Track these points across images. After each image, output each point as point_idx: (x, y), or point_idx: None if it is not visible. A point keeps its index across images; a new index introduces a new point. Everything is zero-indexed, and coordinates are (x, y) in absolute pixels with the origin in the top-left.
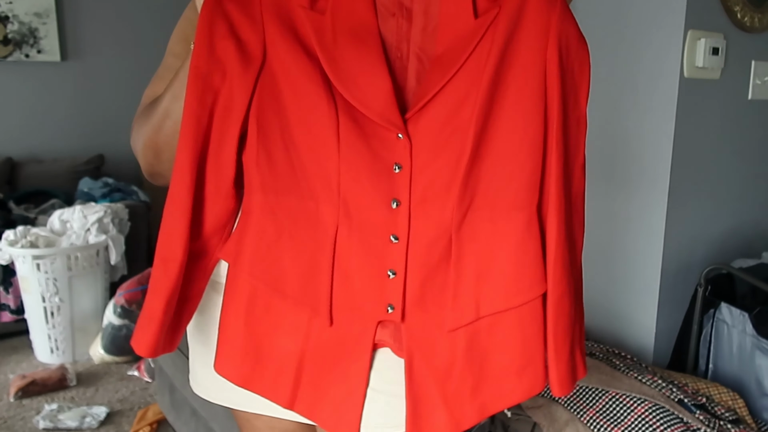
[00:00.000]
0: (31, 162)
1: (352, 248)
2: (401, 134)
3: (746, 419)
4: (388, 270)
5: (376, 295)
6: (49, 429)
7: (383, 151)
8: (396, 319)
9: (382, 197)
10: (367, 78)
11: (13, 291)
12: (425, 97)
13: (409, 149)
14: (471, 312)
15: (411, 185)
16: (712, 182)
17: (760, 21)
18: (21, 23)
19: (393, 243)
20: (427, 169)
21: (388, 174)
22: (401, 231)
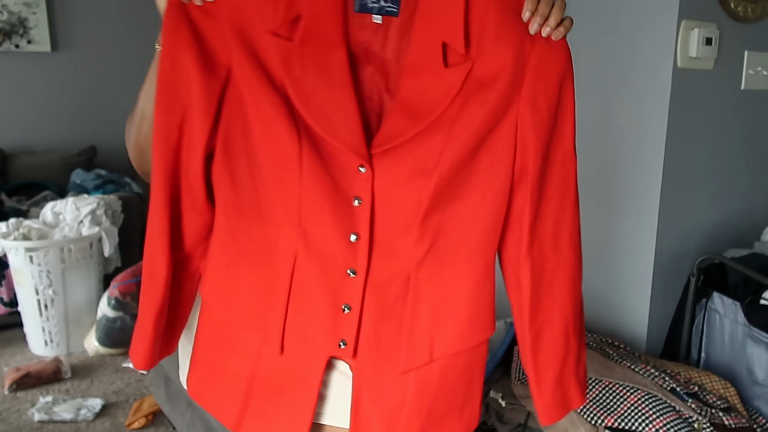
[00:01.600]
0: (22, 154)
1: (309, 279)
2: (364, 166)
3: (737, 407)
4: (343, 304)
5: (330, 330)
6: (44, 421)
7: (344, 182)
8: (347, 356)
9: (341, 230)
10: (335, 108)
11: (7, 283)
12: (393, 141)
13: (370, 182)
14: (425, 354)
15: (372, 219)
16: (705, 172)
17: (754, 11)
18: (10, 13)
19: (350, 277)
20: (387, 205)
21: (348, 207)
22: (359, 266)
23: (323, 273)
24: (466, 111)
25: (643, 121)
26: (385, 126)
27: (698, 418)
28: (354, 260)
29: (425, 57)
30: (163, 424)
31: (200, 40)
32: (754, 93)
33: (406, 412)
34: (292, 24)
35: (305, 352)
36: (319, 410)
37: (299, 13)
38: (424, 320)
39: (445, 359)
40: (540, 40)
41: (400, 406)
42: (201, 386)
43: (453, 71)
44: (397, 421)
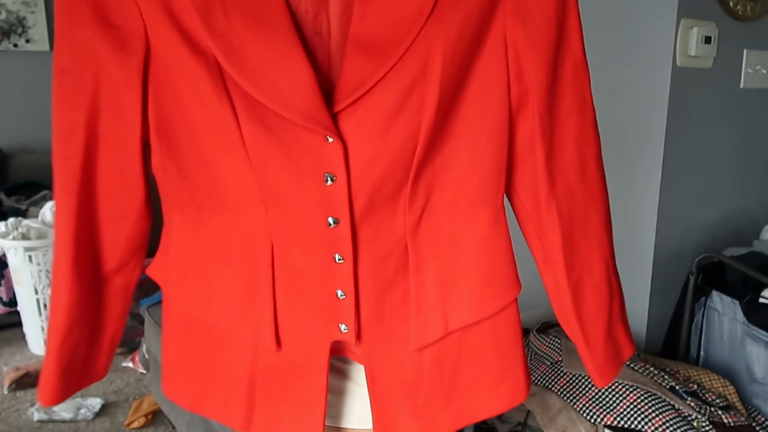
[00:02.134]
0: (21, 153)
1: (292, 266)
2: (330, 136)
3: (737, 405)
4: (337, 290)
5: (326, 316)
6: (43, 421)
7: (308, 159)
8: (351, 339)
9: (315, 216)
10: (278, 67)
11: (6, 283)
12: (359, 90)
13: (342, 155)
14: (438, 328)
15: (351, 198)
16: (704, 171)
17: (753, 9)
18: (9, 12)
19: (338, 263)
20: (369, 174)
21: (319, 187)
22: (345, 251)
23: (306, 260)
24: (441, 33)
25: (642, 119)
26: (345, 73)
27: (697, 416)
28: (337, 246)
29: None
30: (163, 424)
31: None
32: (753, 91)
33: (426, 382)
34: None
35: (305, 342)
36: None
37: None
38: (432, 290)
39: (463, 330)
40: None
41: (419, 378)
42: (198, 397)
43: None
44: (418, 391)
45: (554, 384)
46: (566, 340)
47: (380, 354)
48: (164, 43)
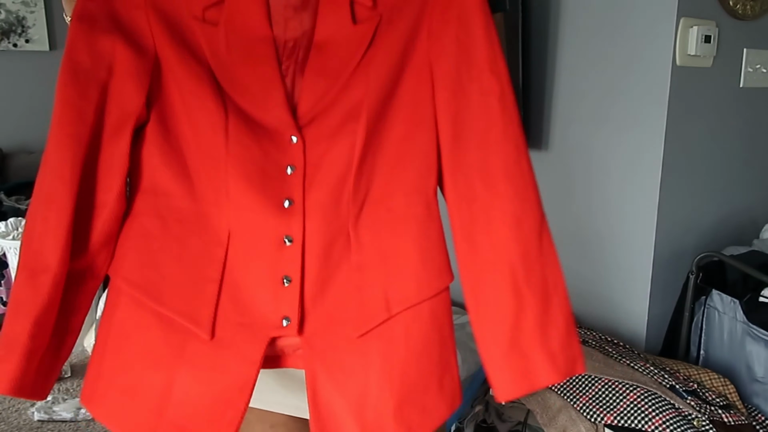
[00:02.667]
0: (21, 153)
1: (244, 255)
2: (295, 137)
3: (737, 404)
4: (283, 276)
5: (270, 307)
6: (44, 421)
7: (276, 153)
8: (292, 333)
9: (274, 198)
10: (260, 87)
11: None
12: (317, 108)
13: (302, 150)
14: (380, 310)
15: (305, 185)
16: (704, 170)
17: (752, 8)
18: (8, 12)
19: (287, 246)
20: (321, 166)
21: (281, 176)
22: (295, 231)
23: (258, 245)
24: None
25: (642, 118)
26: (307, 91)
27: (697, 415)
28: (288, 227)
29: (334, 16)
30: None
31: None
32: (752, 90)
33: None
34: (215, 8)
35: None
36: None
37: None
38: (373, 274)
39: (406, 313)
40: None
41: (366, 381)
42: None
43: (362, 27)
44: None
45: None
46: None
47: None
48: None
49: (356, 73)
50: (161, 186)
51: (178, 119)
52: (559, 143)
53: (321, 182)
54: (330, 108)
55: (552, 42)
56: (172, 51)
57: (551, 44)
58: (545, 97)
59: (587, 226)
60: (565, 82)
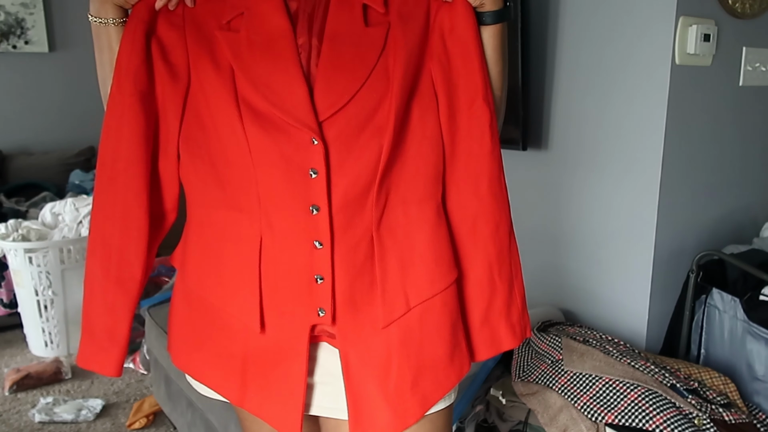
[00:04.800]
0: (20, 155)
1: (277, 257)
2: (315, 139)
3: (737, 403)
4: (315, 275)
5: (306, 301)
6: (45, 422)
7: (297, 156)
8: (327, 322)
9: (300, 204)
10: (283, 84)
11: (6, 285)
12: (338, 104)
13: (323, 154)
14: (401, 305)
15: (330, 190)
16: (704, 169)
17: (752, 7)
18: (7, 14)
19: (317, 249)
20: (345, 173)
21: (304, 180)
22: (324, 237)
23: (290, 249)
24: (394, 65)
25: (642, 117)
26: (327, 90)
27: (698, 414)
28: (317, 232)
29: (348, 19)
30: (164, 424)
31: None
32: (752, 89)
33: (395, 364)
34: (238, 19)
35: (286, 326)
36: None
37: (242, 9)
38: (394, 273)
39: (422, 305)
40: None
41: (389, 360)
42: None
43: (374, 30)
44: (388, 376)
45: (555, 382)
46: (567, 339)
47: (353, 336)
48: (198, 71)
49: (374, 75)
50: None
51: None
52: (559, 143)
53: (346, 189)
54: (349, 108)
55: (551, 41)
56: (201, 63)
57: (551, 44)
58: (545, 97)
59: (587, 226)
60: (565, 82)
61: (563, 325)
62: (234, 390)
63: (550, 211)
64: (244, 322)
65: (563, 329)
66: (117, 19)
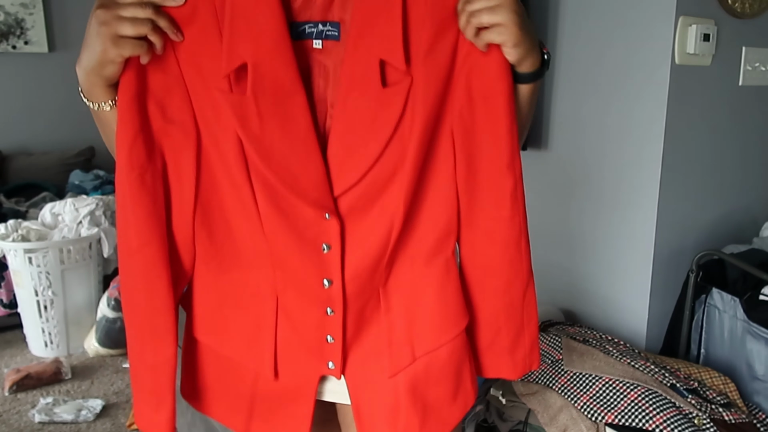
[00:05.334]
0: (20, 155)
1: (292, 316)
2: (329, 214)
3: (737, 402)
4: (327, 336)
5: (317, 355)
6: (44, 422)
7: (309, 231)
8: (336, 374)
9: (313, 277)
10: (297, 162)
11: (6, 285)
12: (353, 179)
13: (338, 229)
14: (407, 355)
15: (343, 264)
16: (704, 169)
17: (751, 7)
18: (7, 14)
19: (329, 315)
20: (358, 247)
21: (317, 254)
22: (336, 306)
23: (304, 311)
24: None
25: (642, 117)
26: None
27: (698, 413)
28: (330, 302)
29: (362, 78)
30: None
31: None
32: (751, 89)
33: (403, 409)
34: (239, 73)
35: (298, 374)
36: None
37: (243, 60)
38: (400, 326)
39: (428, 355)
40: (474, 52)
41: (397, 405)
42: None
43: (393, 91)
44: (397, 418)
45: (555, 382)
46: (567, 339)
47: (362, 384)
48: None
49: (391, 144)
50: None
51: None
52: (559, 143)
53: (359, 261)
54: (364, 181)
55: (551, 41)
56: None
57: (550, 44)
58: (545, 97)
59: (587, 225)
60: (565, 82)
61: (563, 325)
62: (240, 423)
63: (550, 211)
64: (254, 370)
65: (563, 329)
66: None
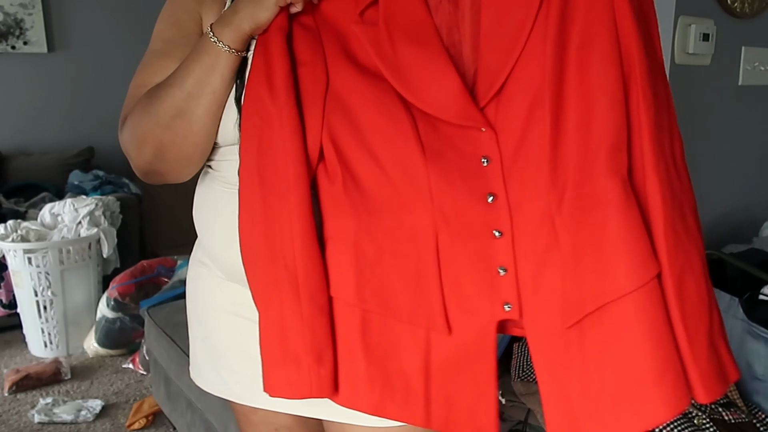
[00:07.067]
0: (20, 155)
1: (456, 253)
2: (483, 127)
3: (737, 402)
4: (498, 267)
5: (490, 295)
6: (44, 423)
7: (468, 147)
8: (515, 316)
9: (476, 194)
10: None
11: (5, 285)
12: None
13: (495, 139)
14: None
15: (504, 176)
16: (703, 168)
17: (750, 6)
18: (6, 14)
19: (497, 238)
20: (517, 156)
21: (478, 168)
22: (503, 225)
23: (469, 242)
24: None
25: None
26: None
27: (698, 413)
28: (497, 220)
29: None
30: (164, 425)
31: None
32: (751, 88)
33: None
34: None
35: (472, 323)
36: None
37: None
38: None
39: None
40: None
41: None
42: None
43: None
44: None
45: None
46: None
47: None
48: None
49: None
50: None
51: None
52: None
53: (520, 173)
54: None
55: None
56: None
57: None
58: None
59: None
60: None
61: None
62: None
63: None
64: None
65: None
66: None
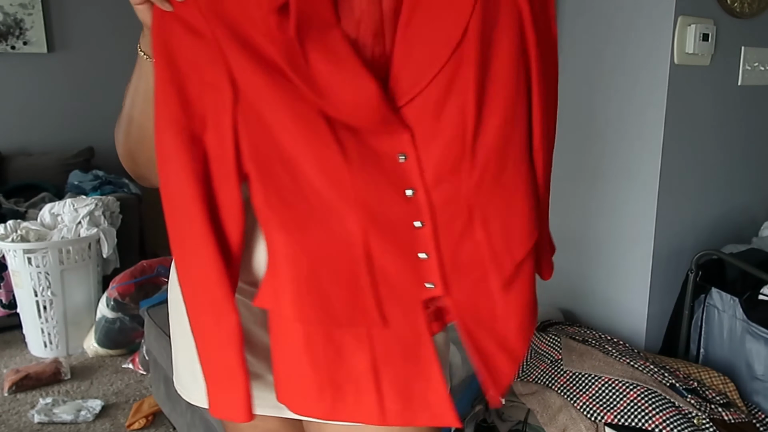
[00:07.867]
0: (19, 155)
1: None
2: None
3: (737, 402)
4: (419, 253)
5: (414, 278)
6: (44, 423)
7: (385, 146)
8: (439, 293)
9: (396, 189)
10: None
11: (5, 285)
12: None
13: (410, 137)
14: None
15: (421, 171)
16: (703, 168)
17: (750, 6)
18: (6, 14)
19: (418, 229)
20: (433, 151)
21: (395, 165)
22: (424, 216)
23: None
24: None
25: (641, 117)
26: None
27: (698, 413)
28: (418, 213)
29: None
30: (164, 425)
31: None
32: (751, 89)
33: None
34: (280, 14)
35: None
36: None
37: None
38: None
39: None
40: None
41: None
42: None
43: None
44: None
45: (554, 382)
46: (566, 339)
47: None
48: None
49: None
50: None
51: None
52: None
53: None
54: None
55: None
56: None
57: None
58: None
59: (587, 225)
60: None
61: (563, 324)
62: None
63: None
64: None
65: (563, 329)
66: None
